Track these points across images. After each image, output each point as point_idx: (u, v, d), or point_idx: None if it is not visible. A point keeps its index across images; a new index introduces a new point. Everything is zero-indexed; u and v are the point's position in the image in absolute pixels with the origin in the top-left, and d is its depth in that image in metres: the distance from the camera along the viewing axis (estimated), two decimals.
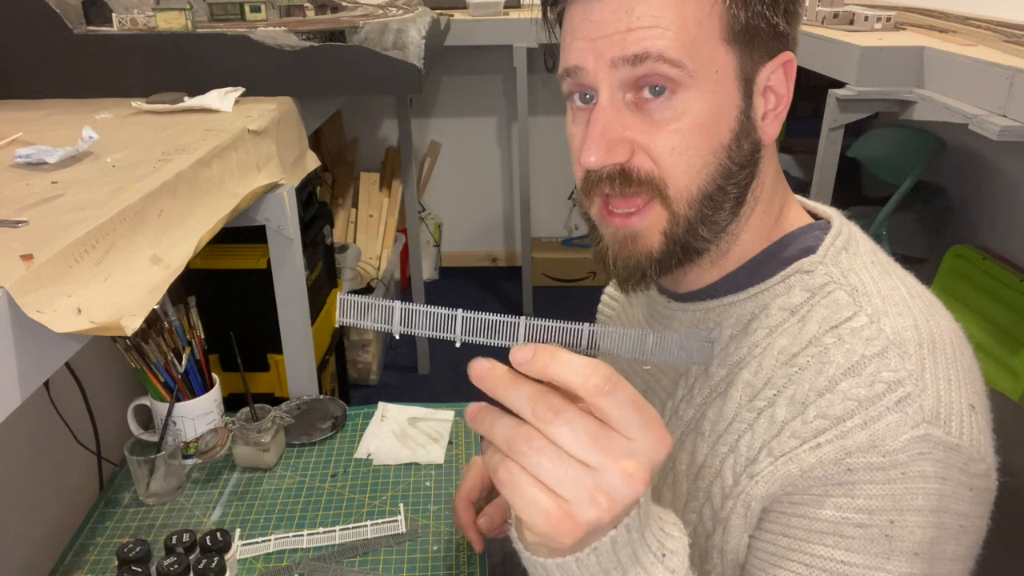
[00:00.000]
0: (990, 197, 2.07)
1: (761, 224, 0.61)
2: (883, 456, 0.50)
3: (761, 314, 0.60)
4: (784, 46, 0.57)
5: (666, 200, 0.56)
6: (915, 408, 0.51)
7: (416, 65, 1.18)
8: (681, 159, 0.55)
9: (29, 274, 0.50)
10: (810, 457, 0.52)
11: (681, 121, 0.54)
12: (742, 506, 0.56)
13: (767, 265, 0.61)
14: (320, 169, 1.14)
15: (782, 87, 0.57)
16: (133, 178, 0.72)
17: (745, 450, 0.56)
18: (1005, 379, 1.69)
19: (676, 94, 0.54)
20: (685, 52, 0.53)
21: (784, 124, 0.59)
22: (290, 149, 1.14)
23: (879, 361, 0.53)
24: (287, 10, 1.43)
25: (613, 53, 0.53)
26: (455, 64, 2.99)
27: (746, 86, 0.56)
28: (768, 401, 0.56)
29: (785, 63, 0.57)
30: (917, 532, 0.51)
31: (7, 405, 0.49)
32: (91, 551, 0.92)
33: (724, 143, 0.55)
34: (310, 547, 0.92)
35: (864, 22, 1.81)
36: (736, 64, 0.55)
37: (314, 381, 1.22)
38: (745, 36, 0.54)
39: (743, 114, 0.56)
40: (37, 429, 1.13)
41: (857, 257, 0.60)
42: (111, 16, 1.17)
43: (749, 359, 0.59)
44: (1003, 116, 1.30)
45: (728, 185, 0.56)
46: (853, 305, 0.56)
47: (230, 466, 1.07)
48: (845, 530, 0.52)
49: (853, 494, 0.51)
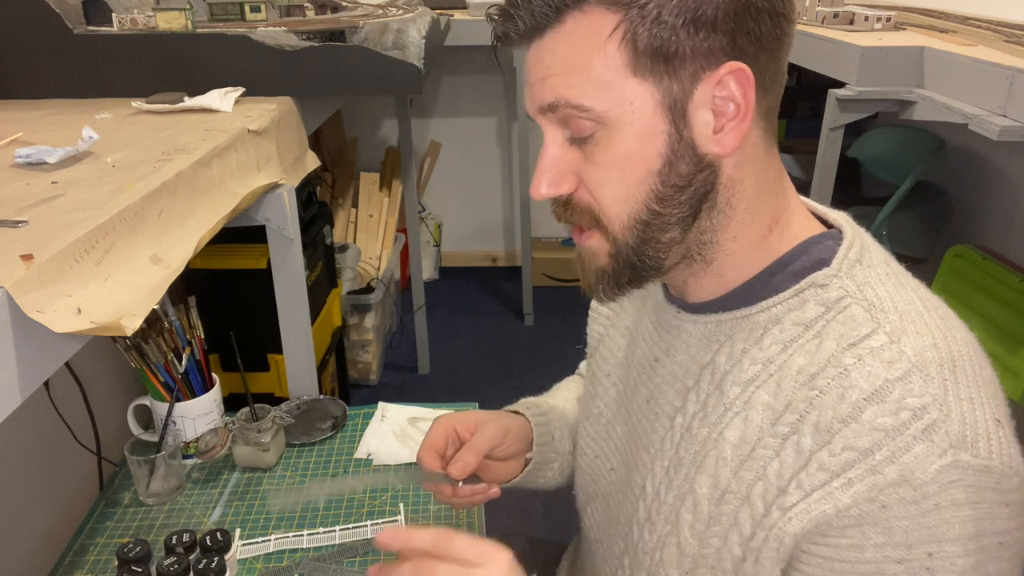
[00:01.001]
0: (990, 197, 2.07)
1: (749, 231, 0.60)
2: (914, 490, 0.51)
3: (774, 328, 0.59)
4: (724, 58, 0.54)
5: (603, 228, 0.59)
6: (941, 435, 0.51)
7: (416, 65, 1.18)
8: (608, 191, 0.58)
9: (29, 274, 0.50)
10: (844, 497, 0.53)
11: (603, 155, 0.57)
12: (775, 540, 0.57)
13: (779, 277, 0.61)
14: (320, 169, 1.14)
15: (737, 95, 0.55)
16: (133, 178, 0.72)
17: (775, 479, 0.57)
18: (1005, 379, 1.69)
19: (597, 132, 0.56)
20: (592, 95, 0.54)
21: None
22: (290, 149, 1.14)
23: (903, 386, 0.53)
24: (287, 10, 1.43)
25: (536, 102, 0.58)
26: (455, 64, 2.99)
27: (673, 110, 0.55)
28: (792, 427, 0.56)
29: (733, 72, 0.54)
30: (958, 562, 0.51)
31: (7, 405, 0.49)
32: (91, 551, 0.92)
33: (653, 170, 0.56)
34: (310, 547, 0.92)
35: (864, 22, 1.81)
36: (653, 92, 0.54)
37: (314, 381, 1.22)
38: (659, 63, 0.53)
39: (672, 139, 0.55)
40: (37, 429, 1.13)
41: (871, 269, 0.59)
42: (111, 16, 1.17)
43: (765, 377, 0.59)
44: (1003, 116, 1.29)
45: (665, 208, 0.57)
46: (871, 322, 0.56)
47: (230, 466, 1.07)
48: (887, 568, 0.52)
49: (890, 531, 0.52)
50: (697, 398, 0.64)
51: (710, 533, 0.61)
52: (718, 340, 0.63)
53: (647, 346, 0.71)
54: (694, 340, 0.65)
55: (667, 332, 0.68)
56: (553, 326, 2.93)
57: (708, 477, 0.62)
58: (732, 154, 0.57)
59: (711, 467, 0.62)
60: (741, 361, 0.61)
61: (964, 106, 1.38)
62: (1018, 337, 1.71)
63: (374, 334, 2.44)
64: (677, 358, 0.66)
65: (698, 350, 0.64)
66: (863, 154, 2.12)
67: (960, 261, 1.93)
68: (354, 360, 2.45)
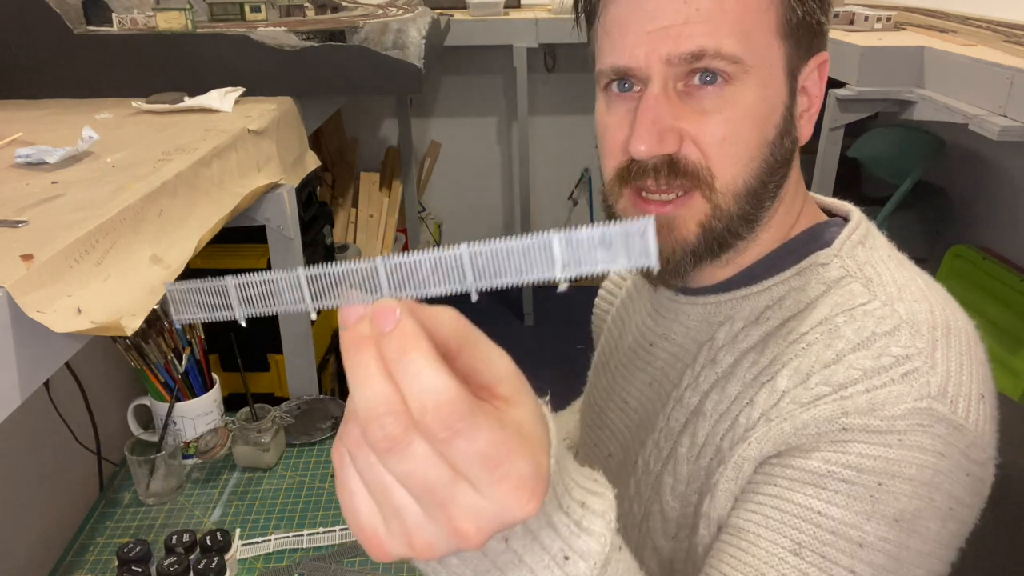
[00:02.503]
0: (990, 197, 2.07)
1: (781, 224, 0.61)
2: (881, 420, 0.49)
3: (775, 305, 0.59)
4: (823, 45, 0.57)
5: (711, 192, 0.54)
6: (922, 383, 0.50)
7: (416, 65, 1.17)
8: (731, 150, 0.54)
9: (29, 274, 0.50)
10: (804, 415, 0.51)
11: (733, 111, 0.53)
12: (733, 469, 0.55)
13: (783, 260, 0.61)
14: (320, 169, 1.14)
15: (816, 88, 0.57)
16: (133, 178, 0.72)
17: (744, 421, 0.55)
18: (1005, 379, 1.69)
19: (729, 84, 0.53)
20: (741, 46, 0.52)
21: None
22: (290, 149, 1.14)
23: (889, 338, 0.52)
24: (287, 10, 1.43)
25: (668, 49, 0.52)
26: (455, 64, 2.99)
27: (792, 82, 0.55)
28: (771, 376, 0.55)
29: (820, 64, 0.57)
30: (903, 500, 0.49)
31: (7, 405, 0.49)
32: (91, 551, 0.92)
33: (769, 139, 0.55)
34: (310, 547, 0.92)
35: (864, 22, 1.80)
36: (785, 60, 0.54)
37: (314, 381, 1.22)
38: (797, 32, 0.54)
39: (788, 111, 0.56)
40: (37, 429, 1.13)
41: (874, 251, 0.60)
42: (111, 16, 1.17)
43: (761, 346, 0.58)
44: (1003, 116, 1.29)
45: (770, 182, 0.56)
46: (868, 294, 0.55)
47: (230, 466, 1.07)
48: (828, 483, 0.50)
49: (845, 451, 0.50)
50: (692, 372, 0.63)
51: (689, 491, 0.60)
52: (718, 320, 0.62)
53: (640, 332, 0.70)
54: (692, 322, 0.64)
55: (664, 317, 0.67)
56: (553, 326, 2.93)
57: (688, 437, 0.61)
58: (805, 142, 0.58)
59: (692, 427, 0.61)
60: (738, 336, 0.60)
61: (964, 106, 1.38)
62: (1018, 337, 1.71)
63: None
64: (676, 340, 0.66)
65: (698, 331, 0.64)
66: (863, 154, 2.12)
67: (960, 261, 1.93)
68: None
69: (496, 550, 0.34)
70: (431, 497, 0.30)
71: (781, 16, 0.53)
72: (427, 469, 0.30)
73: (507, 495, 0.30)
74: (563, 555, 0.35)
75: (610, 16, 0.55)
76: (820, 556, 0.49)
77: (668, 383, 0.66)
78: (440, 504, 0.30)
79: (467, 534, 0.30)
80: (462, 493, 0.30)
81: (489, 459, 0.30)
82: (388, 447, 0.29)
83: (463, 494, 0.30)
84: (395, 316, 0.30)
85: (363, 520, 0.32)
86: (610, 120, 0.57)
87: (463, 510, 0.30)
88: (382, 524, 0.32)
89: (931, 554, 0.50)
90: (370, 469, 0.31)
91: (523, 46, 2.49)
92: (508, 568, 0.34)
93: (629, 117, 0.55)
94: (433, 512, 0.31)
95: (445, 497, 0.30)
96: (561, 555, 0.35)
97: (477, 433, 0.30)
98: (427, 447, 0.30)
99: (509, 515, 0.30)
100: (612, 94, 0.57)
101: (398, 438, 0.29)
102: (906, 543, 0.49)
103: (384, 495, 0.31)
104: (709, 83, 0.53)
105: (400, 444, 0.29)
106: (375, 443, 0.30)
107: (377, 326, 0.30)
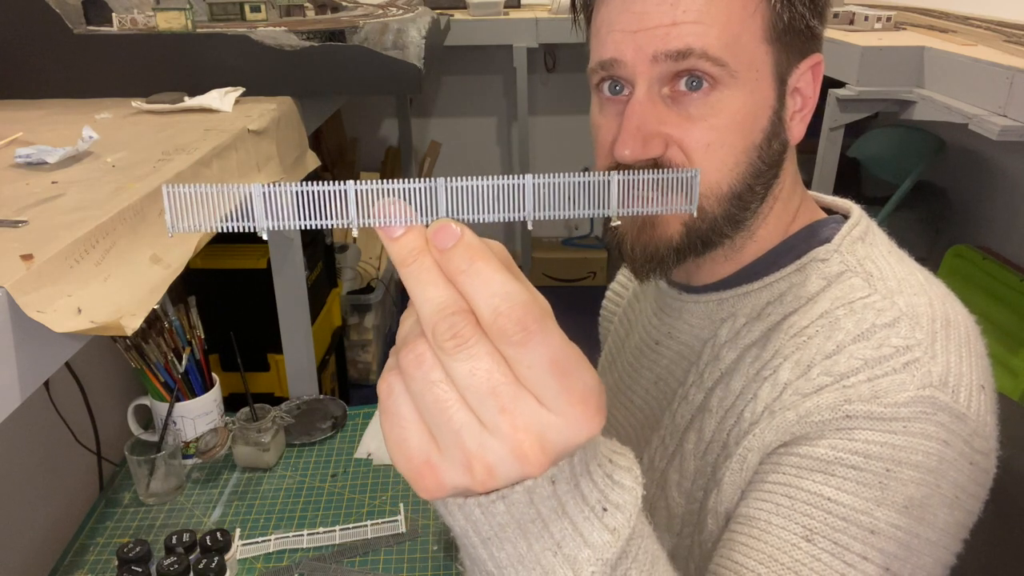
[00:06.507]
0: (990, 197, 2.07)
1: (778, 222, 0.62)
2: (884, 407, 0.49)
3: (776, 301, 0.60)
4: (816, 48, 0.57)
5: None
6: (923, 372, 0.50)
7: (416, 65, 1.18)
8: (715, 156, 0.55)
9: (29, 274, 0.50)
10: (807, 403, 0.51)
11: (718, 118, 0.54)
12: (738, 461, 0.55)
13: (783, 256, 0.61)
14: (320, 169, 1.14)
15: (809, 89, 0.58)
16: (133, 178, 0.72)
17: (749, 416, 0.56)
18: (1005, 379, 1.69)
19: (715, 90, 0.53)
20: (727, 50, 0.52)
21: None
22: (290, 149, 1.14)
23: (889, 329, 0.52)
24: (287, 10, 1.43)
25: (655, 47, 0.53)
26: (455, 64, 2.99)
27: (780, 86, 0.56)
28: (774, 369, 0.56)
29: (814, 65, 0.57)
30: (911, 487, 0.49)
31: (7, 405, 0.49)
32: (91, 551, 0.92)
33: (756, 143, 0.56)
34: (310, 547, 0.92)
35: (864, 22, 1.80)
36: (773, 64, 0.55)
37: (314, 381, 1.22)
38: (785, 36, 0.55)
39: (775, 114, 0.56)
40: (37, 429, 1.13)
41: (874, 247, 0.60)
42: (111, 16, 1.17)
43: (763, 341, 0.59)
44: (1003, 116, 1.29)
45: (757, 185, 0.57)
46: (868, 288, 0.56)
47: (230, 466, 1.07)
48: (837, 470, 0.50)
49: (851, 438, 0.50)
50: (696, 369, 0.64)
51: (695, 487, 0.60)
52: (720, 316, 0.63)
53: (645, 331, 0.71)
54: (695, 319, 0.65)
55: (668, 315, 0.68)
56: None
57: (695, 433, 0.61)
58: (797, 143, 0.58)
59: (698, 424, 0.61)
60: (741, 332, 0.61)
61: (964, 106, 1.38)
62: (1018, 337, 1.71)
63: (374, 334, 2.44)
64: (681, 338, 0.66)
65: (701, 328, 0.64)
66: (863, 154, 2.12)
67: (960, 261, 1.92)
68: (354, 360, 2.45)
69: (542, 494, 0.32)
70: (496, 399, 0.29)
71: (768, 21, 0.54)
72: (493, 367, 0.29)
73: (574, 406, 0.30)
74: (601, 506, 0.34)
75: (600, 17, 0.56)
76: (832, 542, 0.49)
77: (673, 381, 0.67)
78: (503, 409, 0.30)
79: (530, 454, 0.30)
80: (527, 405, 0.30)
81: (559, 365, 0.30)
82: (457, 345, 0.29)
83: (528, 406, 0.30)
84: (456, 232, 0.30)
85: (413, 450, 0.31)
86: (601, 121, 0.59)
87: (528, 423, 0.30)
88: (436, 451, 0.31)
89: (939, 543, 0.50)
90: (430, 388, 0.30)
91: (523, 46, 2.49)
92: (551, 519, 0.33)
93: (617, 120, 0.56)
94: (497, 421, 0.30)
95: (509, 402, 0.29)
96: (600, 506, 0.34)
97: (550, 337, 0.30)
98: (494, 350, 0.30)
99: (575, 429, 0.30)
100: (604, 96, 0.58)
101: (467, 336, 0.29)
102: (916, 531, 0.49)
103: (444, 414, 0.30)
104: (695, 88, 0.53)
105: (469, 342, 0.29)
106: (443, 343, 0.29)
107: (437, 243, 0.30)
